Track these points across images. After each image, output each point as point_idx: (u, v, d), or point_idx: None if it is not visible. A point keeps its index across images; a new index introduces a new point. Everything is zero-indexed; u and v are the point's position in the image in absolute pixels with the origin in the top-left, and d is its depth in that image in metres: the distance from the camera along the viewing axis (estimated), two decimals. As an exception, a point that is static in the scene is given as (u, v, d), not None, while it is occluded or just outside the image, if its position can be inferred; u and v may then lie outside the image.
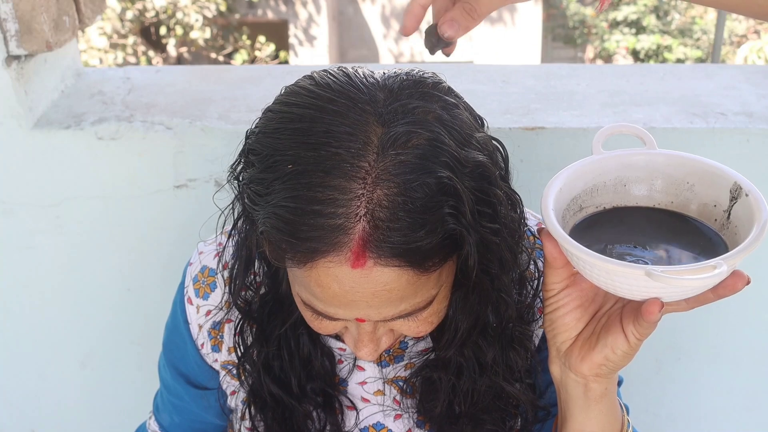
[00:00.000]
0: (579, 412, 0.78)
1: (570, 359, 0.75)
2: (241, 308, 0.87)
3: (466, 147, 0.67)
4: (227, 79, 1.40)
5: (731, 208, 0.69)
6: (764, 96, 1.31)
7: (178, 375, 0.95)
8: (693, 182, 0.72)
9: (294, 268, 0.68)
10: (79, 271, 1.34)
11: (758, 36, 9.85)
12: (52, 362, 1.42)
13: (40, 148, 1.23)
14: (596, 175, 0.73)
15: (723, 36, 3.92)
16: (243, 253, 0.83)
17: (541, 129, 1.20)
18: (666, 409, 1.45)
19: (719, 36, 3.82)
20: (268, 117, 0.70)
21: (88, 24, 1.33)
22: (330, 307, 0.70)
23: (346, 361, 0.89)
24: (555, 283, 0.74)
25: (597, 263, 0.63)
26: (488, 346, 0.81)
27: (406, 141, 0.65)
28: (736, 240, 0.67)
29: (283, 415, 0.89)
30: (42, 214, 1.28)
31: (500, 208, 0.70)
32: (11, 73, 1.18)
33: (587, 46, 11.28)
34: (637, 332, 0.70)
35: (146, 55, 8.51)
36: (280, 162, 0.66)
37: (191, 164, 1.24)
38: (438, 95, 0.69)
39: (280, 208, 0.65)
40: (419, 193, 0.63)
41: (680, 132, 1.20)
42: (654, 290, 0.64)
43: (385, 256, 0.64)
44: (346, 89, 0.68)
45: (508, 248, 0.74)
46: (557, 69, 1.44)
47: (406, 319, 0.72)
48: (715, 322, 1.36)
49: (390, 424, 0.90)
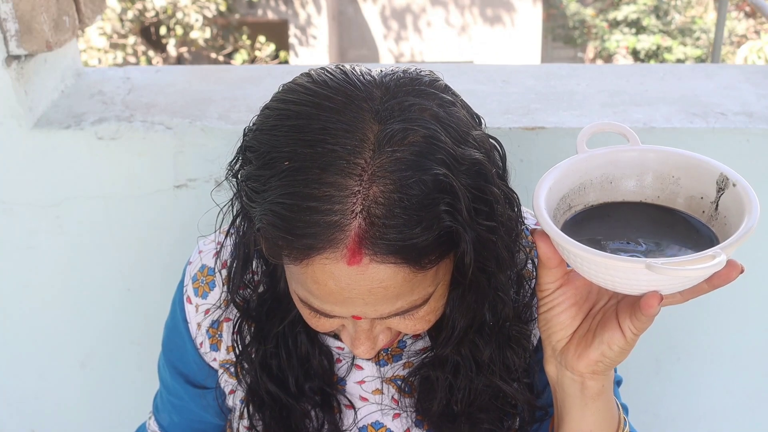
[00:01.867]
0: (576, 410, 0.78)
1: (566, 358, 0.75)
2: (240, 306, 0.87)
3: (463, 144, 0.67)
4: (227, 79, 1.40)
5: (719, 199, 0.69)
6: (764, 96, 1.31)
7: (178, 374, 0.96)
8: (678, 176, 0.72)
9: (291, 265, 0.68)
10: (79, 271, 1.34)
11: (758, 36, 9.84)
12: (52, 362, 1.42)
13: (40, 148, 1.23)
14: (583, 173, 0.73)
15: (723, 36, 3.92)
16: (241, 252, 0.83)
17: (541, 129, 1.21)
18: (666, 409, 1.45)
19: (719, 36, 3.82)
20: (266, 114, 0.70)
21: (88, 24, 1.33)
22: (326, 304, 0.70)
23: (345, 360, 0.89)
24: (549, 283, 0.74)
25: (597, 260, 0.63)
26: (485, 344, 0.81)
27: (402, 138, 0.65)
28: (726, 230, 0.67)
29: (281, 414, 0.89)
30: (42, 214, 1.28)
31: (497, 206, 0.70)
32: (11, 73, 1.18)
33: (587, 46, 11.27)
34: (634, 327, 0.70)
35: (146, 55, 8.50)
36: (276, 159, 0.66)
37: (191, 164, 1.24)
38: (435, 93, 0.69)
39: (277, 205, 0.65)
40: (415, 190, 0.63)
41: (680, 132, 1.21)
42: (653, 284, 0.64)
43: (381, 253, 0.64)
44: (343, 86, 0.68)
45: (504, 246, 0.74)
46: (557, 69, 1.44)
47: (403, 316, 0.72)
48: (714, 322, 1.36)
49: (388, 423, 0.90)
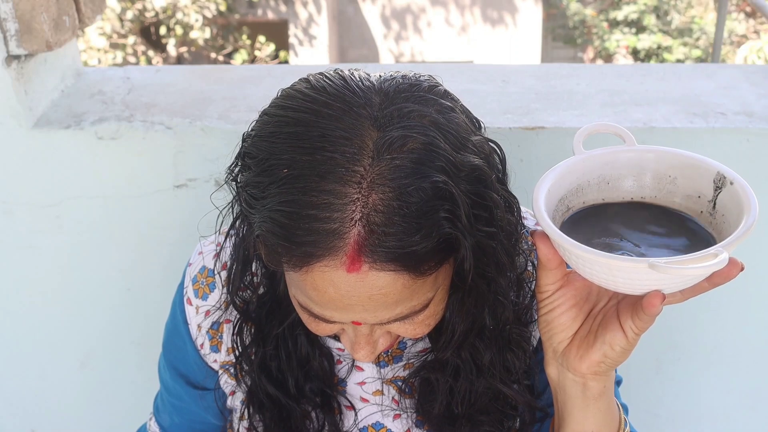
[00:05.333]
0: (577, 411, 0.77)
1: (568, 359, 0.75)
2: (239, 308, 0.87)
3: (462, 151, 0.67)
4: (227, 79, 1.40)
5: (716, 197, 0.69)
6: (764, 96, 1.31)
7: (178, 376, 0.95)
8: (675, 175, 0.72)
9: (290, 272, 0.68)
10: (79, 271, 1.34)
11: (758, 36, 9.84)
12: (52, 362, 1.42)
13: (40, 147, 1.23)
14: (580, 174, 0.74)
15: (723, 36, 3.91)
16: (241, 254, 0.83)
17: (541, 129, 1.20)
18: (666, 409, 1.45)
19: (719, 36, 3.81)
20: (264, 120, 0.70)
21: (88, 24, 1.33)
22: (326, 310, 0.70)
23: (345, 362, 0.89)
24: (549, 284, 0.74)
25: (598, 260, 0.63)
26: (485, 348, 0.82)
27: (401, 145, 0.64)
28: (724, 228, 0.67)
29: (281, 416, 0.89)
30: (42, 214, 1.28)
31: (496, 211, 0.70)
32: (11, 72, 1.18)
33: (587, 46, 11.27)
34: (636, 327, 0.70)
35: (146, 55, 8.50)
36: (275, 166, 0.66)
37: (191, 164, 1.24)
38: (434, 99, 0.69)
39: (276, 213, 0.65)
40: (414, 198, 0.63)
41: (680, 132, 1.20)
42: (654, 283, 0.64)
43: (381, 260, 0.64)
44: (342, 93, 0.68)
45: (504, 251, 0.74)
46: (557, 69, 1.44)
47: (403, 321, 0.72)
48: (714, 321, 1.36)
49: (389, 423, 0.90)
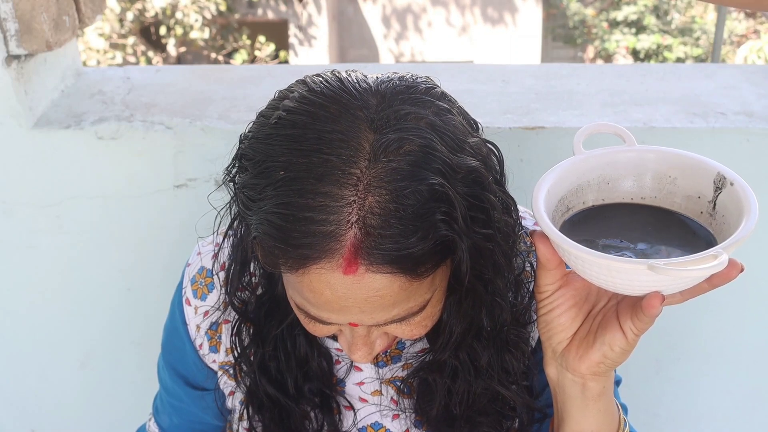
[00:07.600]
0: (577, 411, 0.77)
1: (567, 359, 0.75)
2: (238, 309, 0.87)
3: (459, 153, 0.67)
4: (227, 79, 1.40)
5: (716, 198, 0.69)
6: (764, 96, 1.31)
7: (177, 376, 0.95)
8: (675, 176, 0.72)
9: (287, 273, 0.68)
10: (79, 271, 1.34)
11: (758, 36, 9.84)
12: (52, 362, 1.42)
13: (40, 147, 1.23)
14: (580, 175, 0.73)
15: (723, 36, 3.91)
16: (239, 254, 0.83)
17: (541, 129, 1.20)
18: (665, 409, 1.45)
19: (719, 36, 3.82)
20: (261, 122, 0.70)
21: (88, 24, 1.33)
22: (323, 312, 0.70)
23: (344, 362, 0.89)
24: (548, 284, 0.74)
25: (598, 261, 0.63)
26: (483, 349, 0.81)
27: (398, 148, 0.64)
28: (724, 229, 0.67)
29: (281, 416, 0.89)
30: (42, 214, 1.28)
31: (494, 213, 0.70)
32: (11, 72, 1.18)
33: (587, 46, 11.27)
34: (636, 327, 0.70)
35: (146, 55, 8.50)
36: (272, 168, 0.66)
37: (191, 164, 1.24)
38: (431, 101, 0.69)
39: (272, 215, 0.65)
40: (411, 200, 0.63)
41: (680, 132, 1.20)
42: (654, 284, 0.64)
43: (377, 262, 0.64)
44: (339, 95, 0.68)
45: (502, 253, 0.74)
46: (557, 69, 1.44)
47: (400, 323, 0.72)
48: (714, 322, 1.36)
49: (388, 424, 0.90)
